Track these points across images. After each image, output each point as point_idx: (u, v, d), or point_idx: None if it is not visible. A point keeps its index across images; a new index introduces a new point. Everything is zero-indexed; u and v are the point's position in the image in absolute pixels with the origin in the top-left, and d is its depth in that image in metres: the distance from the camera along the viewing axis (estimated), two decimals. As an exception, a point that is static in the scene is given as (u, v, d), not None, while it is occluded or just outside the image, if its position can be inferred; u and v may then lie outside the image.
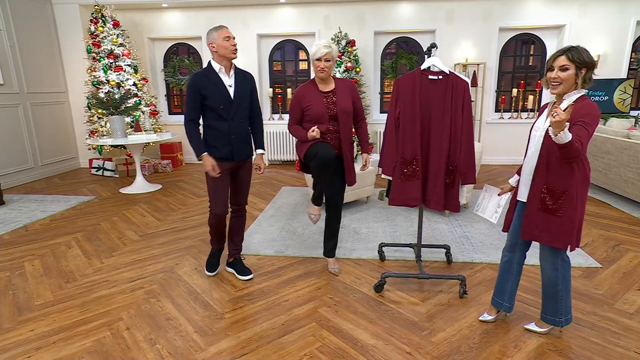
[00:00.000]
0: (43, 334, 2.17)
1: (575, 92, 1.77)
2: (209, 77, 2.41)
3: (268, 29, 6.41)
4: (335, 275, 2.79)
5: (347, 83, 2.60)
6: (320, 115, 2.51)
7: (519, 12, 6.02)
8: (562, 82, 1.76)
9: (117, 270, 2.92)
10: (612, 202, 4.36)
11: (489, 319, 2.22)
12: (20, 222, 3.97)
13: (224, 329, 2.20)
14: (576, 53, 1.72)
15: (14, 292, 2.62)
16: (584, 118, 1.68)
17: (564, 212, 1.82)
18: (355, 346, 2.04)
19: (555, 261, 1.95)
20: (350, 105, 2.56)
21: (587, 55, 1.73)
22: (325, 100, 2.53)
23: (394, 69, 6.33)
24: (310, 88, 2.56)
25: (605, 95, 6.04)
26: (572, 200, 1.80)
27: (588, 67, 1.73)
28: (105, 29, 5.80)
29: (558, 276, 1.96)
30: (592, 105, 1.72)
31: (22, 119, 5.61)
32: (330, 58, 2.45)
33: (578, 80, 1.74)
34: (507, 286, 2.15)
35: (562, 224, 1.83)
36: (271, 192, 5.04)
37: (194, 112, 2.45)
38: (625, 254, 3.08)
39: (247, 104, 2.55)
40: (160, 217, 4.08)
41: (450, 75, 2.35)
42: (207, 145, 2.49)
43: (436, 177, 2.41)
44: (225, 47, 2.39)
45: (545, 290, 2.04)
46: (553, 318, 2.05)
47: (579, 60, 1.71)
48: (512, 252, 2.12)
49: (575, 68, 1.73)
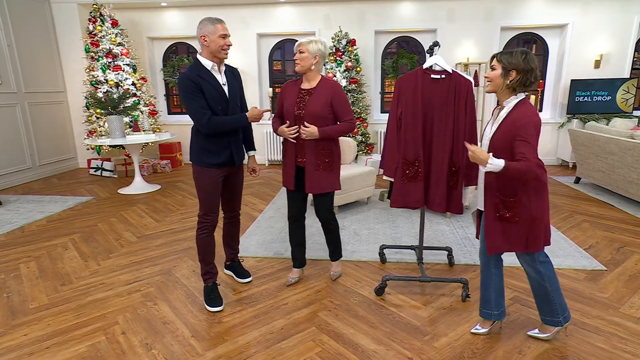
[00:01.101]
0: (37, 338, 2.12)
1: (514, 98, 1.81)
2: (202, 76, 2.17)
3: (268, 28, 6.36)
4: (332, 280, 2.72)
5: (330, 84, 2.39)
6: (288, 114, 2.42)
7: (521, 11, 5.97)
8: (491, 81, 1.82)
9: (113, 272, 2.87)
10: (616, 203, 4.31)
11: (482, 331, 2.13)
12: (17, 223, 3.92)
13: (222, 333, 2.15)
14: (507, 56, 1.76)
15: (8, 295, 2.57)
16: (520, 131, 1.70)
17: (519, 216, 1.83)
18: (356, 351, 2.00)
19: (534, 264, 1.94)
20: (320, 110, 2.34)
21: (519, 58, 1.73)
22: (298, 99, 2.41)
23: (394, 69, 6.29)
24: (293, 84, 2.49)
25: (607, 95, 5.99)
26: (524, 204, 1.81)
27: (518, 71, 1.74)
28: (104, 28, 5.76)
29: (543, 277, 1.94)
30: (526, 114, 1.72)
31: (20, 119, 5.57)
32: (305, 50, 2.32)
33: (505, 82, 1.77)
34: (490, 293, 2.07)
35: (520, 229, 1.84)
36: (270, 192, 5.00)
37: (206, 109, 2.17)
38: (630, 256, 3.03)
39: (239, 102, 2.40)
40: (159, 218, 4.03)
41: (453, 75, 2.31)
42: (205, 152, 2.25)
43: (439, 178, 2.36)
44: (219, 45, 2.17)
45: (536, 292, 2.01)
46: (552, 319, 2.01)
47: (506, 62, 1.75)
48: (484, 257, 2.05)
49: (502, 69, 1.77)
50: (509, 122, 1.76)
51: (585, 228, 3.64)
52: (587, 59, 6.06)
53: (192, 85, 2.14)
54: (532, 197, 1.82)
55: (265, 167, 6.60)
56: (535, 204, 1.82)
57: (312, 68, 2.36)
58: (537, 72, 1.76)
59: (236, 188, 2.53)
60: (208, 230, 2.36)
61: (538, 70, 1.77)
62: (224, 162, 2.31)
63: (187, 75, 2.16)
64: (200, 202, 2.34)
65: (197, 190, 2.34)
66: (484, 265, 2.07)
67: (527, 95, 1.81)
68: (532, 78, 1.76)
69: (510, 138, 1.74)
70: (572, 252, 3.09)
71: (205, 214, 2.35)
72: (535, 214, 1.82)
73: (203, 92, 2.17)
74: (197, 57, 2.23)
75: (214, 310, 2.36)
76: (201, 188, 2.31)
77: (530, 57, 1.75)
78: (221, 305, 2.38)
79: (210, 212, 2.34)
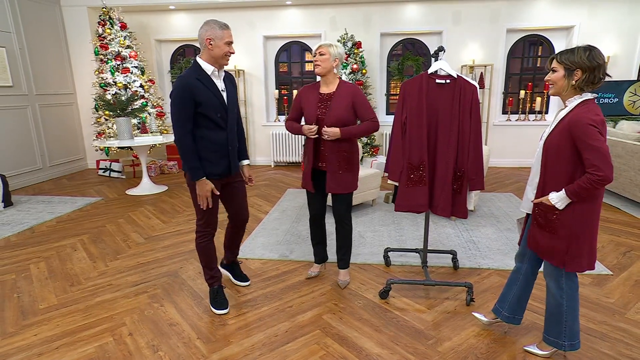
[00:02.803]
0: (46, 339, 2.17)
1: (577, 97, 1.69)
2: (201, 81, 2.10)
3: (274, 30, 6.40)
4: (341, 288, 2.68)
5: (350, 88, 2.43)
6: (309, 119, 2.45)
7: (527, 13, 5.94)
8: (552, 84, 1.74)
9: (121, 273, 2.92)
10: (622, 207, 4.27)
11: (484, 320, 2.15)
12: (27, 224, 3.99)
13: (227, 335, 2.18)
14: (567, 54, 1.66)
15: (19, 295, 2.62)
16: (579, 133, 1.58)
17: (555, 230, 1.73)
18: (360, 355, 2.01)
19: (559, 279, 1.83)
20: (344, 114, 2.37)
21: (582, 56, 1.62)
22: (320, 104, 2.44)
23: (400, 71, 6.28)
24: (311, 89, 2.51)
25: (615, 98, 5.93)
26: (564, 219, 1.70)
27: (584, 69, 1.62)
28: (113, 31, 5.83)
29: (563, 295, 1.83)
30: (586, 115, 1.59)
31: (30, 121, 5.66)
32: (325, 52, 2.36)
33: (570, 83, 1.66)
34: (510, 295, 2.08)
35: (553, 241, 1.76)
36: (276, 194, 5.03)
37: (189, 123, 2.09)
38: (636, 261, 3.01)
39: (237, 109, 2.34)
40: (166, 220, 4.08)
41: (458, 79, 2.31)
42: (202, 160, 2.17)
43: (443, 183, 2.37)
44: (224, 52, 2.12)
45: (550, 309, 1.90)
46: (555, 340, 1.90)
47: (568, 62, 1.64)
48: (520, 262, 2.05)
49: (564, 69, 1.67)
50: (566, 122, 1.65)
51: (592, 232, 3.62)
52: (595, 61, 6.00)
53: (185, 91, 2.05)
54: (578, 211, 1.67)
55: (271, 168, 6.63)
56: (581, 218, 1.67)
57: (333, 71, 2.42)
58: (604, 67, 1.63)
59: (240, 194, 2.46)
60: (208, 238, 2.35)
61: (605, 66, 1.64)
62: (222, 172, 2.26)
63: (185, 79, 2.07)
64: (199, 212, 2.27)
65: (194, 200, 2.26)
66: (515, 270, 2.07)
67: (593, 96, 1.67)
68: (601, 75, 1.62)
69: (564, 139, 1.64)
70: (578, 257, 3.08)
71: (206, 225, 2.30)
72: (580, 229, 1.68)
73: (200, 99, 2.08)
74: (197, 59, 2.14)
75: (220, 312, 2.38)
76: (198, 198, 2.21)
77: (595, 53, 1.62)
78: (227, 307, 2.40)
79: (209, 221, 2.30)
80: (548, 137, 1.74)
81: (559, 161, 1.69)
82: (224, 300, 2.43)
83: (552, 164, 1.72)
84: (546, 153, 1.74)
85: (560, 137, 1.67)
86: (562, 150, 1.67)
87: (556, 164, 1.70)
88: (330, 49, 2.37)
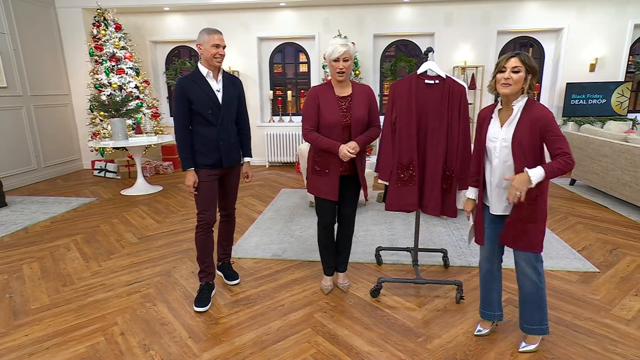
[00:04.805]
0: (37, 339, 2.18)
1: (521, 98, 1.82)
2: (196, 82, 2.33)
3: (268, 31, 6.42)
4: (344, 292, 2.64)
5: (364, 88, 2.40)
6: (334, 124, 2.31)
7: (517, 16, 6.01)
8: (512, 84, 1.77)
9: (114, 273, 2.93)
10: (610, 205, 4.33)
11: (485, 332, 2.17)
12: (21, 224, 3.99)
13: (219, 334, 2.20)
14: (527, 57, 1.78)
15: (11, 296, 2.63)
16: (549, 128, 1.74)
17: (538, 217, 1.85)
18: (350, 353, 2.04)
19: (537, 265, 1.92)
20: (365, 114, 2.35)
21: (534, 62, 1.79)
22: (341, 106, 2.34)
23: (393, 72, 6.33)
24: (325, 90, 2.37)
25: (603, 98, 6.02)
26: (542, 205, 1.85)
27: (533, 74, 1.78)
28: (108, 32, 5.83)
29: (542, 280, 1.93)
30: (545, 111, 1.77)
31: (25, 121, 5.65)
32: (349, 57, 2.25)
33: (525, 85, 1.78)
34: (493, 296, 2.12)
35: (537, 229, 1.86)
36: (270, 194, 5.05)
37: (184, 117, 2.36)
38: (622, 258, 3.06)
39: (234, 109, 2.49)
40: (160, 220, 4.09)
41: (447, 80, 2.35)
42: (195, 152, 2.40)
43: (433, 182, 2.40)
44: (211, 54, 2.30)
45: (529, 298, 1.96)
46: (540, 327, 1.98)
47: (529, 65, 1.77)
48: (490, 263, 2.08)
49: (525, 71, 1.77)
50: (530, 121, 1.76)
51: (579, 230, 3.68)
52: (583, 62, 6.09)
53: (179, 90, 2.33)
54: (544, 197, 1.85)
55: (265, 168, 6.65)
56: (544, 204, 1.86)
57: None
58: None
59: (230, 186, 2.63)
60: (205, 227, 2.47)
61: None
62: (213, 164, 2.43)
63: (180, 80, 2.35)
64: (195, 201, 2.47)
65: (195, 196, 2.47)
66: (488, 271, 2.10)
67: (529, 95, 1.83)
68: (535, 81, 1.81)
69: (533, 136, 1.76)
70: (565, 254, 3.12)
71: (201, 211, 2.46)
72: (544, 213, 1.86)
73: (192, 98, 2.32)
74: (198, 63, 2.40)
75: (197, 309, 2.42)
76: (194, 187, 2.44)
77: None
78: (205, 306, 2.43)
79: (206, 209, 2.45)
80: (514, 138, 1.80)
81: (527, 157, 1.79)
82: (205, 298, 2.47)
83: (520, 161, 1.81)
84: (517, 151, 1.80)
85: (530, 134, 1.77)
86: (532, 146, 1.78)
87: (524, 159, 1.80)
88: (350, 51, 2.26)
